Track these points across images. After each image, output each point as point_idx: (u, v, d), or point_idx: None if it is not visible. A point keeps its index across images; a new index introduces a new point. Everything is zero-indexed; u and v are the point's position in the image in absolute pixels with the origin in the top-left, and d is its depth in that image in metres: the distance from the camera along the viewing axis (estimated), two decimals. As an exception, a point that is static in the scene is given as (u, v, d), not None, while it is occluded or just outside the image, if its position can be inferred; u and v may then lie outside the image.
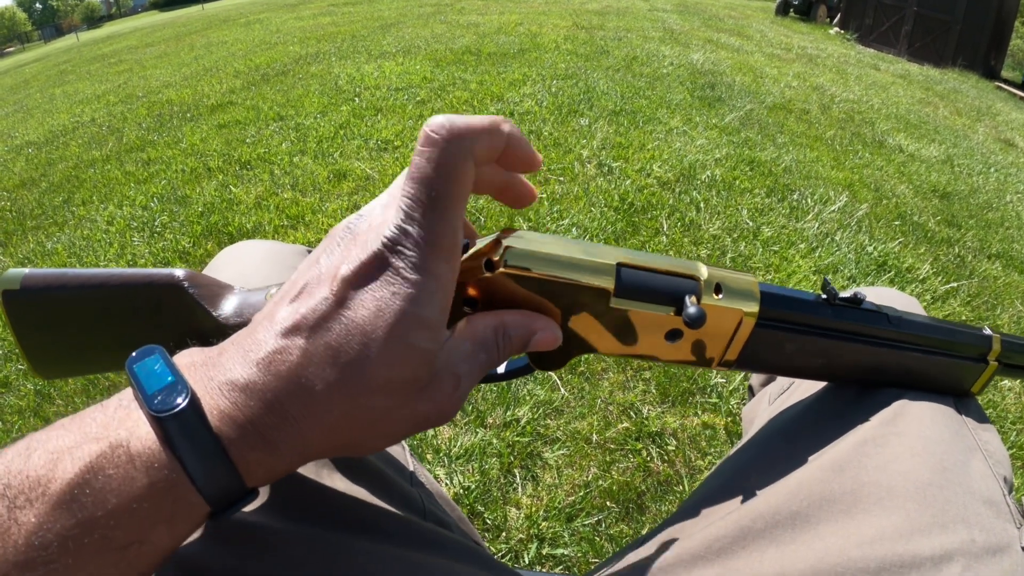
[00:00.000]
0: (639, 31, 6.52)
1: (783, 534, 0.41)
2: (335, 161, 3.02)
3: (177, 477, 0.27)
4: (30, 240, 2.71)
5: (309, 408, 0.29)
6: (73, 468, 0.26)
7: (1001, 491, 0.42)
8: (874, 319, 0.47)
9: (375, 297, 0.30)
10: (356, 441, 0.32)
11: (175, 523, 0.28)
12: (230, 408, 0.29)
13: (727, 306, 0.41)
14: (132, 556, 0.27)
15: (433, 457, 1.39)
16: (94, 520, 0.25)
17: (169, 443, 0.27)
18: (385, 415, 0.31)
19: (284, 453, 0.30)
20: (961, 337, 0.50)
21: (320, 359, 0.29)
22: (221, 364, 0.30)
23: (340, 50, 5.60)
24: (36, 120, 5.33)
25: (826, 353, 0.47)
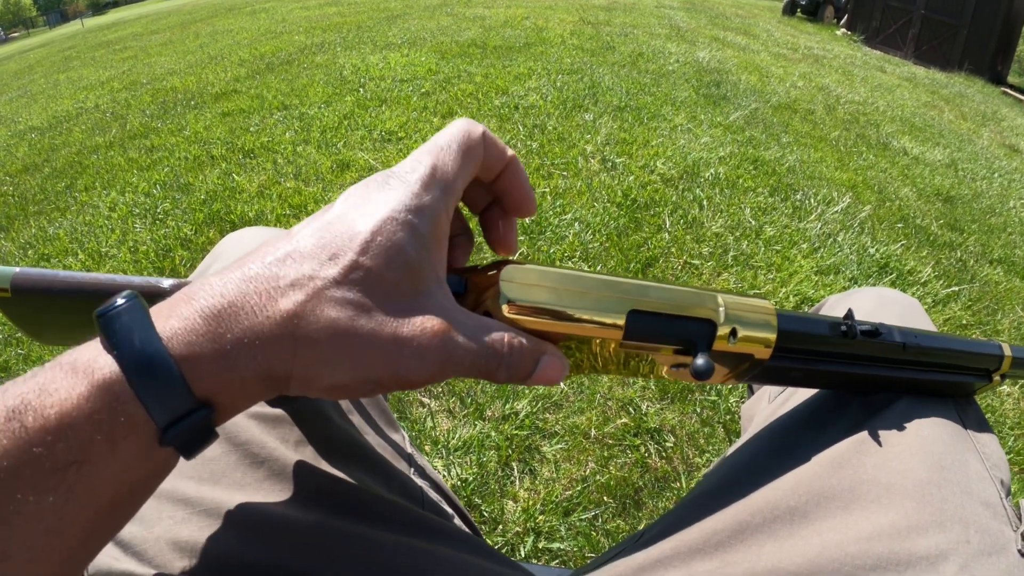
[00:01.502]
0: (645, 27, 6.51)
1: (781, 529, 0.41)
2: (338, 151, 3.01)
3: (113, 379, 0.26)
4: (32, 225, 2.71)
5: (266, 299, 0.28)
6: (22, 388, 0.25)
7: (998, 494, 0.42)
8: (888, 348, 0.46)
9: (366, 198, 0.31)
10: (317, 357, 0.29)
11: (116, 440, 0.26)
12: (181, 310, 0.28)
13: (740, 351, 0.40)
14: (72, 480, 0.25)
15: (431, 449, 1.39)
16: (31, 437, 0.24)
17: (108, 338, 0.26)
18: (350, 319, 0.29)
19: (237, 357, 0.27)
20: (974, 356, 0.49)
21: (298, 254, 0.29)
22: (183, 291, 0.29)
23: (346, 40, 5.59)
24: (40, 106, 5.32)
25: (833, 378, 0.46)
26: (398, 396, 1.52)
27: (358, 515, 0.43)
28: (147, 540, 0.39)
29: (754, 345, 0.40)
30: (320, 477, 0.44)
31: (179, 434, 0.27)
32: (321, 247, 0.29)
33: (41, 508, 0.24)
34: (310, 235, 0.30)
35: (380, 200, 0.31)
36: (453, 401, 1.52)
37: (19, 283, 0.40)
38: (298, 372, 0.29)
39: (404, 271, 0.30)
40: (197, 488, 0.40)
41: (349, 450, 0.48)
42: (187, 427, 0.27)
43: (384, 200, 0.31)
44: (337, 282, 0.29)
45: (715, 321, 0.38)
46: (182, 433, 0.27)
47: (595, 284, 0.36)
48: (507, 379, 0.34)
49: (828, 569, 0.37)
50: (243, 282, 0.28)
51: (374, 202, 0.31)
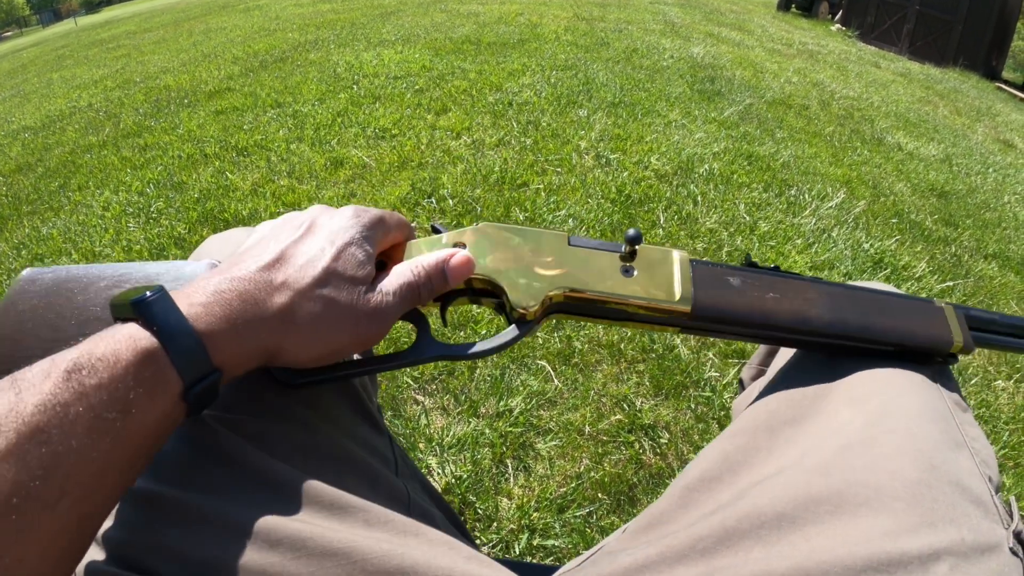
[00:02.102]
0: (640, 23, 6.50)
1: (769, 534, 0.40)
2: (332, 149, 3.00)
3: (154, 348, 0.34)
4: (25, 225, 2.70)
5: (265, 295, 0.40)
6: (73, 354, 0.32)
7: (989, 492, 0.42)
8: (797, 275, 0.53)
9: (332, 223, 0.45)
10: (302, 335, 0.41)
11: (155, 395, 0.34)
12: (199, 299, 0.38)
13: (657, 247, 0.51)
14: (119, 426, 0.32)
15: (425, 446, 1.39)
16: (86, 390, 0.31)
17: (147, 321, 0.35)
18: (330, 304, 0.41)
19: (245, 335, 0.38)
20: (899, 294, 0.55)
21: (284, 261, 0.42)
22: (196, 284, 0.39)
23: (339, 37, 5.58)
24: (33, 105, 5.30)
25: (775, 288, 0.51)
26: (392, 394, 1.52)
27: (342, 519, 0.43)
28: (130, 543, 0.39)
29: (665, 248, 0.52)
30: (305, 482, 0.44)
31: (199, 392, 0.36)
32: (300, 256, 0.42)
33: (94, 449, 0.31)
34: (288, 246, 0.43)
35: (341, 228, 0.45)
36: (447, 398, 1.52)
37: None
38: (288, 347, 0.41)
39: (359, 273, 0.43)
40: (180, 493, 0.40)
41: (333, 454, 0.48)
42: (205, 386, 0.36)
43: (345, 228, 0.45)
44: (318, 282, 0.41)
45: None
46: (201, 391, 0.36)
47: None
48: (430, 293, 0.47)
49: (815, 573, 0.37)
50: (244, 281, 0.40)
51: (337, 229, 0.45)
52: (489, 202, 2.41)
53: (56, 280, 0.45)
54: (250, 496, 0.42)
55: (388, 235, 0.48)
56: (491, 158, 2.82)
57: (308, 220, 0.45)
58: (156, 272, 0.47)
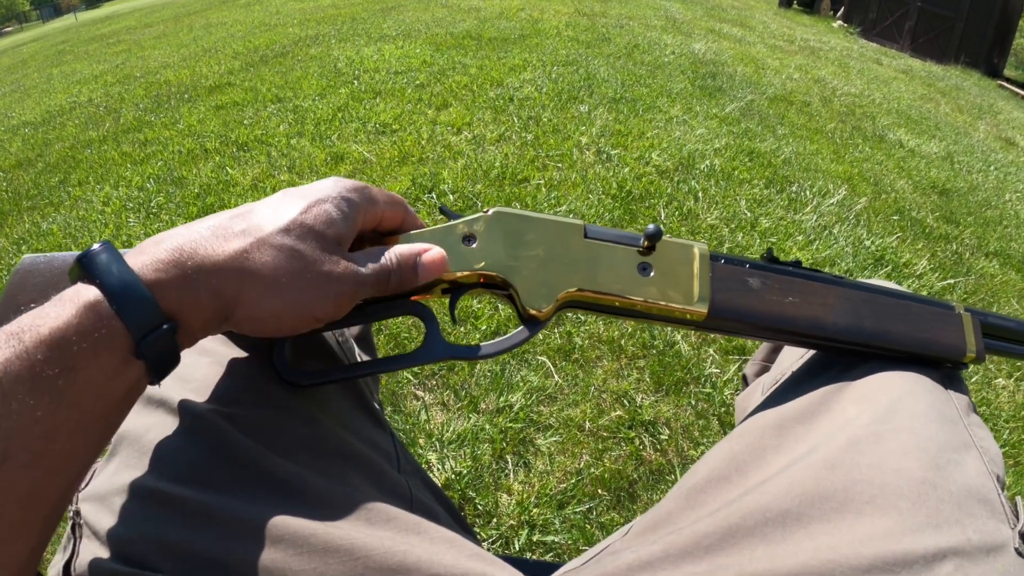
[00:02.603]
0: (641, 19, 6.49)
1: (773, 532, 0.40)
2: (333, 144, 3.00)
3: (96, 300, 0.33)
4: (26, 220, 2.70)
5: (221, 240, 0.38)
6: (22, 319, 0.32)
7: (996, 490, 0.41)
8: (819, 271, 0.52)
9: (313, 186, 0.44)
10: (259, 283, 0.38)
11: (100, 350, 0.32)
12: (149, 250, 0.36)
13: (678, 242, 0.49)
14: (63, 385, 0.31)
15: (425, 442, 1.39)
16: (27, 349, 0.30)
17: (89, 274, 0.34)
18: (292, 255, 0.39)
19: (196, 280, 0.36)
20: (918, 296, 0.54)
21: (249, 212, 0.41)
22: (150, 238, 0.38)
23: (340, 32, 5.56)
24: (33, 100, 5.30)
25: (793, 291, 0.50)
26: (392, 390, 1.51)
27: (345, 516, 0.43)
28: (134, 540, 0.39)
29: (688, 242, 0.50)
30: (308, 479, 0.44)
31: (151, 344, 0.34)
32: (267, 209, 0.41)
33: (37, 410, 0.30)
34: (259, 205, 0.41)
35: (320, 187, 0.43)
36: (447, 394, 1.52)
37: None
38: (244, 297, 0.38)
39: (330, 231, 0.41)
40: (184, 489, 0.40)
41: (336, 450, 0.48)
42: (157, 338, 0.34)
43: (323, 187, 0.43)
44: (281, 230, 0.39)
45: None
46: (153, 343, 0.34)
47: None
48: (399, 283, 0.45)
49: (821, 572, 0.36)
50: (203, 229, 0.38)
51: (312, 192, 0.43)
52: (490, 197, 2.40)
53: (53, 270, 0.44)
54: (253, 493, 0.42)
55: (376, 206, 0.46)
56: (492, 153, 2.81)
57: (294, 189, 0.44)
58: None
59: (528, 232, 0.48)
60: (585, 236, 0.49)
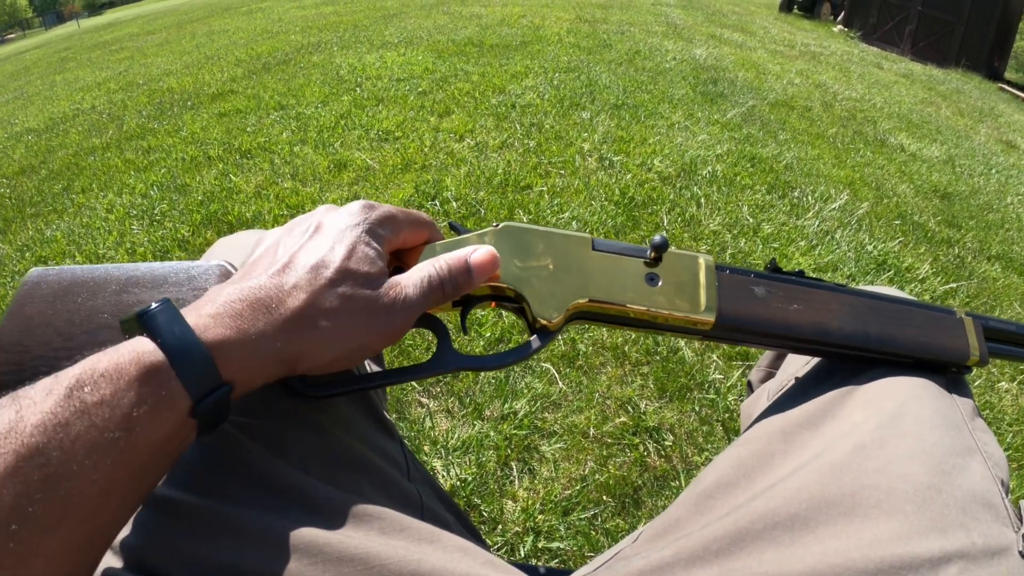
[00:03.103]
0: (642, 25, 6.50)
1: (781, 536, 0.41)
2: (336, 151, 3.01)
3: (158, 362, 0.33)
4: (29, 227, 2.70)
5: (277, 301, 0.38)
6: (76, 370, 0.31)
7: (1000, 494, 0.42)
8: (826, 282, 0.53)
9: (340, 223, 0.43)
10: (321, 337, 0.39)
11: (160, 411, 0.32)
12: (208, 310, 0.36)
13: (684, 253, 0.50)
14: (123, 445, 0.31)
15: (430, 449, 1.39)
16: (87, 408, 0.30)
17: (152, 334, 0.34)
18: (347, 301, 0.40)
19: (258, 345, 0.37)
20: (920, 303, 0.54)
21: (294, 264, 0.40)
22: (206, 295, 0.38)
23: (342, 40, 5.58)
24: (36, 107, 5.31)
25: (799, 299, 0.51)
26: (397, 397, 1.52)
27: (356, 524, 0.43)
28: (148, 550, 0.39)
29: (694, 253, 0.51)
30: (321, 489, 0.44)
31: (207, 407, 0.34)
32: (310, 258, 0.41)
33: (97, 470, 0.30)
34: (301, 253, 0.41)
35: (348, 225, 0.43)
36: (452, 401, 1.52)
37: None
38: (306, 351, 0.39)
39: (373, 269, 0.42)
40: (197, 499, 0.41)
41: (348, 460, 0.48)
42: (214, 401, 0.35)
43: (352, 225, 0.43)
44: (332, 282, 0.40)
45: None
46: (209, 406, 0.34)
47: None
48: (455, 290, 0.45)
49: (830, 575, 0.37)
50: (257, 289, 0.38)
51: (345, 228, 0.43)
52: (493, 204, 2.41)
53: (62, 283, 0.44)
54: (267, 503, 0.42)
55: (400, 232, 0.46)
56: (494, 160, 2.82)
57: (315, 221, 0.44)
58: (164, 273, 0.46)
59: (537, 245, 0.49)
60: (592, 249, 0.49)
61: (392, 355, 1.66)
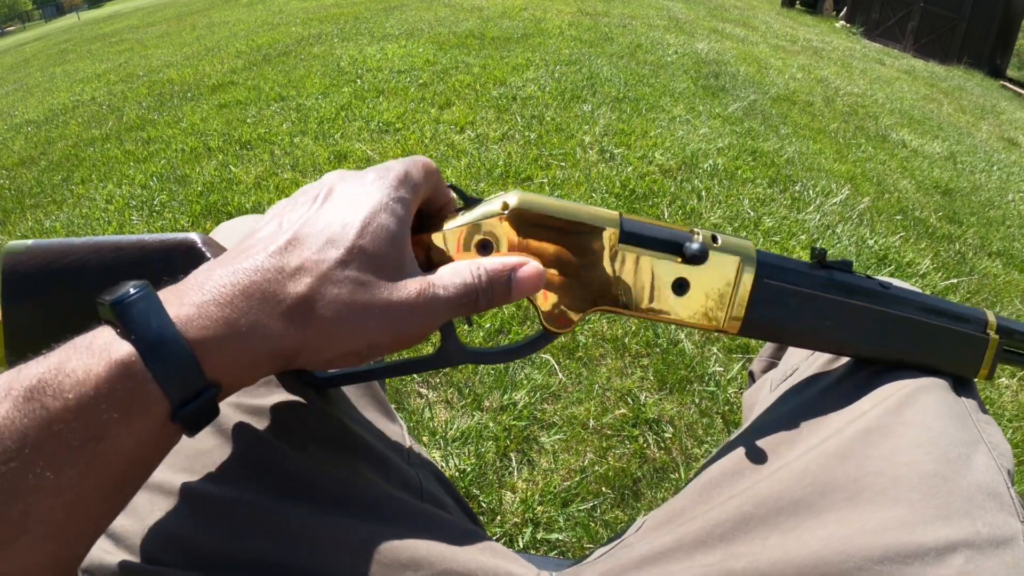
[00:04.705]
0: (644, 19, 6.49)
1: (786, 521, 0.40)
2: (336, 142, 3.00)
3: (130, 360, 0.28)
4: (28, 218, 2.70)
5: (276, 286, 0.32)
6: (38, 368, 0.27)
7: (1005, 484, 0.41)
8: (866, 281, 0.49)
9: (350, 191, 0.37)
10: (325, 332, 0.33)
11: (132, 417, 0.28)
12: (193, 297, 0.31)
13: (725, 253, 0.43)
14: (90, 455, 0.27)
15: (429, 440, 1.39)
16: (49, 415, 0.26)
17: (124, 323, 0.29)
18: (359, 288, 0.34)
19: (251, 340, 0.31)
20: (957, 308, 0.51)
21: (298, 242, 0.34)
22: (193, 278, 0.32)
23: (343, 32, 5.57)
24: (36, 99, 5.30)
25: (829, 312, 0.47)
26: (396, 387, 1.51)
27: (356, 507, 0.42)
28: (139, 533, 0.38)
29: (737, 251, 0.44)
30: (316, 469, 0.43)
31: (190, 412, 0.30)
32: (317, 233, 0.34)
33: (60, 483, 0.26)
34: (307, 225, 0.35)
35: (364, 193, 0.36)
36: (451, 392, 1.52)
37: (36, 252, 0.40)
38: (308, 346, 0.33)
39: (392, 247, 0.36)
40: (194, 483, 0.40)
41: (346, 441, 0.48)
42: (198, 405, 0.30)
43: (368, 193, 0.36)
44: (340, 262, 0.33)
45: (695, 230, 0.44)
46: (193, 411, 0.30)
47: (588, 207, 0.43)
48: (489, 303, 0.39)
49: (834, 561, 0.36)
50: (253, 271, 0.32)
51: (359, 194, 0.36)
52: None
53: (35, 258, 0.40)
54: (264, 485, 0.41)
55: (418, 193, 0.39)
56: (495, 152, 2.81)
57: (325, 188, 0.38)
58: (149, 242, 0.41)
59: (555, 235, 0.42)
60: (620, 240, 0.42)
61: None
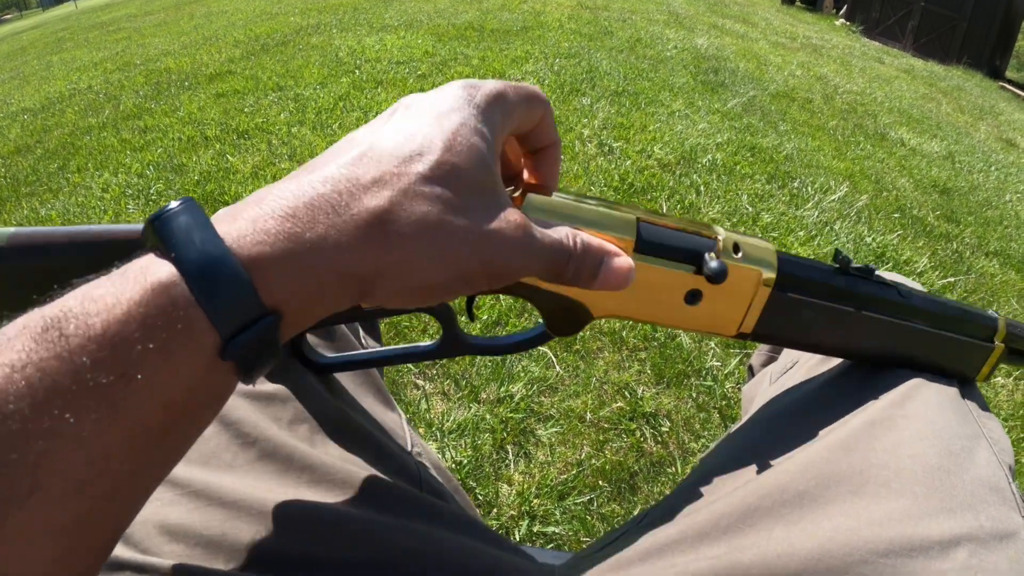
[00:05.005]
0: (644, 13, 6.47)
1: (790, 513, 0.40)
2: (334, 132, 2.99)
3: (170, 282, 0.24)
4: (24, 207, 2.68)
5: (350, 198, 0.27)
6: (62, 300, 0.23)
7: (1006, 478, 0.41)
8: (885, 290, 0.47)
9: (433, 107, 0.32)
10: (403, 253, 0.28)
11: (172, 351, 0.23)
12: (248, 212, 0.26)
13: (746, 266, 0.41)
14: (118, 396, 0.22)
15: (426, 431, 1.39)
16: (70, 347, 0.22)
17: (164, 244, 0.25)
18: (445, 213, 0.29)
19: (317, 259, 0.26)
20: (969, 316, 0.50)
21: (375, 153, 0.29)
22: (251, 197, 0.28)
23: (341, 22, 5.54)
24: (33, 87, 5.27)
25: (841, 323, 0.46)
26: (392, 378, 1.51)
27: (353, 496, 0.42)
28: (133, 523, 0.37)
29: (758, 263, 0.41)
30: (313, 457, 0.43)
31: (244, 345, 0.25)
32: (399, 145, 0.30)
33: (81, 429, 0.22)
34: (383, 136, 0.30)
35: (449, 108, 0.31)
36: (448, 383, 1.51)
37: (17, 242, 0.38)
38: (387, 271, 0.29)
39: (484, 170, 0.31)
40: (186, 469, 0.39)
41: (344, 430, 0.47)
42: (252, 337, 0.25)
43: (454, 108, 0.31)
44: (425, 178, 0.29)
45: (717, 236, 0.40)
46: (247, 344, 0.25)
47: (603, 201, 0.39)
48: (574, 277, 0.35)
49: (839, 553, 0.36)
50: (319, 183, 0.27)
51: (444, 110, 0.31)
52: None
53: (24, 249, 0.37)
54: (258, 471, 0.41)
55: (513, 115, 0.34)
56: (494, 145, 2.80)
57: (401, 105, 0.33)
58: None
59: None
60: (636, 249, 0.38)
61: (387, 336, 1.65)
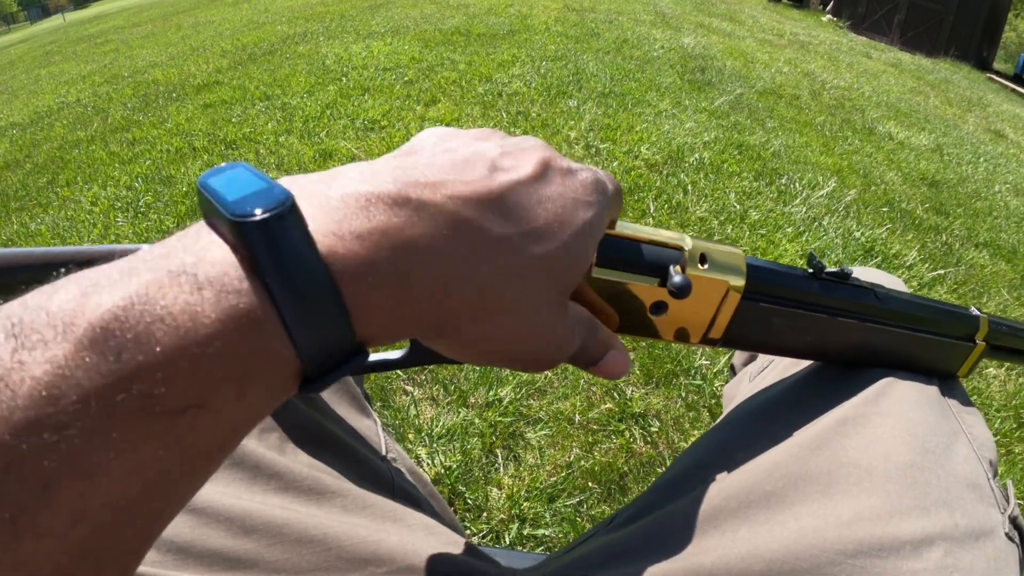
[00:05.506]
0: (630, 14, 6.48)
1: (756, 513, 0.39)
2: (321, 141, 2.99)
3: (259, 310, 0.20)
4: (14, 221, 2.67)
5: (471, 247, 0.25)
6: (111, 299, 0.18)
7: (985, 475, 0.41)
8: (861, 294, 0.46)
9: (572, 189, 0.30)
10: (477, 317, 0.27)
11: (249, 382, 0.20)
12: (351, 223, 0.22)
13: (712, 277, 0.39)
14: (183, 429, 0.19)
15: (415, 437, 1.39)
16: (133, 369, 0.18)
17: (252, 261, 0.20)
18: (522, 300, 0.28)
19: (416, 295, 0.24)
20: (949, 316, 0.49)
21: (507, 203, 0.27)
22: (340, 177, 0.24)
23: (328, 30, 5.54)
24: (21, 101, 5.25)
25: (813, 329, 0.45)
26: (380, 384, 1.51)
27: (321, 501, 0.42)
28: None
29: (726, 273, 0.40)
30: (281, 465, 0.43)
31: (328, 382, 0.23)
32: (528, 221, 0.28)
33: (129, 460, 0.18)
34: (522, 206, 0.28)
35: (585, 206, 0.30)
36: (436, 388, 1.51)
37: None
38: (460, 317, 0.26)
39: (578, 271, 0.31)
40: None
41: (316, 436, 0.47)
42: (340, 376, 0.23)
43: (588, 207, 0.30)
44: (538, 259, 0.28)
45: (682, 247, 0.38)
46: (331, 381, 0.23)
47: None
48: (585, 360, 0.35)
49: (806, 555, 0.35)
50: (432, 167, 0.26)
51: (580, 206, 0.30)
52: (479, 193, 2.39)
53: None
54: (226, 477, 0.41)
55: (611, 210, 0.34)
56: (481, 149, 2.80)
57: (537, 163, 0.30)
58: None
59: None
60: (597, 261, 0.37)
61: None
